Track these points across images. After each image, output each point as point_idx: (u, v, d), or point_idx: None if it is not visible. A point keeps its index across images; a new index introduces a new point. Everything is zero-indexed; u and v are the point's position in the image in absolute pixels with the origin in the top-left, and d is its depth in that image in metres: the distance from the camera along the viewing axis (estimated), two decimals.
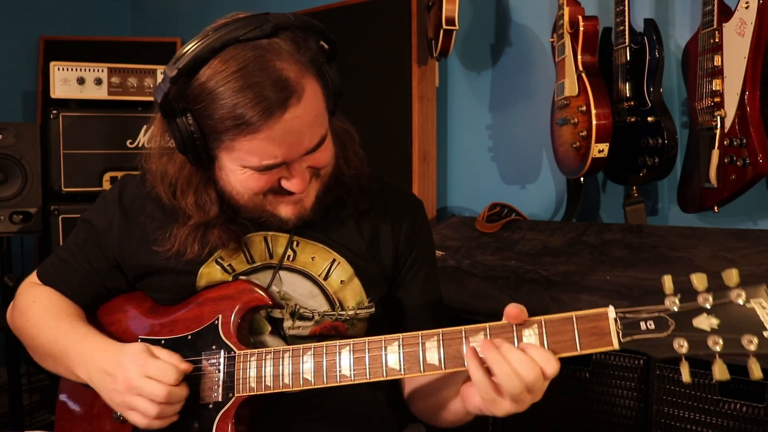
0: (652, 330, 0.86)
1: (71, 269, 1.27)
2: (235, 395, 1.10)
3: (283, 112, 0.98)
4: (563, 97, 1.97)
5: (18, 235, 2.47)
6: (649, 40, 1.82)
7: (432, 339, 0.98)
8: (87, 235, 1.27)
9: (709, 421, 1.38)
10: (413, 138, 2.35)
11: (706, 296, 0.83)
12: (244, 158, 1.03)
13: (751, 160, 1.60)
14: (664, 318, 0.85)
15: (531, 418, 1.69)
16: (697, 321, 0.83)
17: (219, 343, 1.13)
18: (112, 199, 1.26)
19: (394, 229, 1.25)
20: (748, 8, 1.60)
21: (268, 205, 1.12)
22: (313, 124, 1.03)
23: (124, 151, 2.52)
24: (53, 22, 3.25)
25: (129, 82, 2.56)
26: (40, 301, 1.27)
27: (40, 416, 2.70)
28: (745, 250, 1.60)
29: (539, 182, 2.32)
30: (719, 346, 0.82)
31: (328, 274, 1.20)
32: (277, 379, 1.07)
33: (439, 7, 2.10)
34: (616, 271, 1.60)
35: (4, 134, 2.39)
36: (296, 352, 1.06)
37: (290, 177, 1.06)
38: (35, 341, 1.25)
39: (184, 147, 1.05)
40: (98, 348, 1.15)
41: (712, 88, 1.68)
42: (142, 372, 1.06)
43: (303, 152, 1.04)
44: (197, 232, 1.16)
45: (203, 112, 1.00)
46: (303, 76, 1.01)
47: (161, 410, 1.06)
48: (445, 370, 0.97)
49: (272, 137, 0.99)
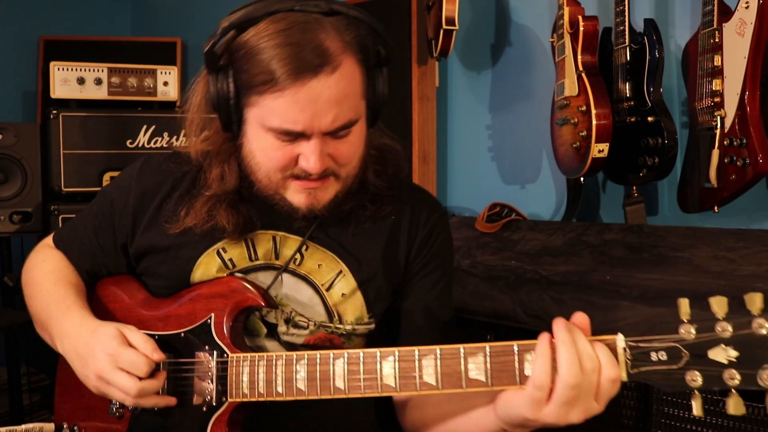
0: (663, 361, 0.79)
1: (80, 239, 1.28)
2: (228, 400, 1.08)
3: (313, 76, 0.98)
4: (563, 97, 1.97)
5: (18, 234, 2.47)
6: (649, 40, 1.82)
7: (428, 357, 0.92)
8: (101, 208, 1.27)
9: (710, 421, 1.38)
10: (413, 138, 2.35)
11: (725, 325, 0.76)
12: (267, 118, 1.02)
13: (751, 160, 1.60)
14: (678, 348, 0.78)
15: None
16: (713, 353, 0.76)
17: (212, 344, 1.11)
18: (132, 173, 1.25)
19: (410, 234, 1.21)
20: (748, 8, 1.60)
21: (283, 187, 1.10)
22: (341, 102, 1.01)
23: (124, 151, 2.53)
24: (53, 22, 3.25)
25: (129, 82, 2.57)
26: (47, 261, 1.29)
27: (40, 416, 2.70)
28: (745, 250, 1.60)
29: (539, 182, 2.32)
30: (736, 382, 0.75)
31: (332, 286, 1.17)
32: (271, 386, 1.04)
33: (439, 7, 2.10)
34: (616, 271, 1.60)
35: (4, 134, 2.39)
36: (289, 359, 1.03)
37: (308, 154, 1.03)
38: (31, 300, 1.27)
39: (218, 103, 1.05)
40: (74, 326, 1.14)
41: (712, 88, 1.68)
42: (113, 363, 1.05)
43: (325, 128, 1.02)
44: (210, 203, 1.15)
45: (241, 66, 1.01)
46: (344, 53, 1.01)
47: (137, 401, 1.07)
48: (441, 390, 0.92)
49: (297, 100, 0.99)
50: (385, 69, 1.10)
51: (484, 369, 0.88)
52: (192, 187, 1.19)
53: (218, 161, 1.16)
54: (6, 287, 2.44)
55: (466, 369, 0.89)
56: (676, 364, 0.78)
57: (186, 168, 1.22)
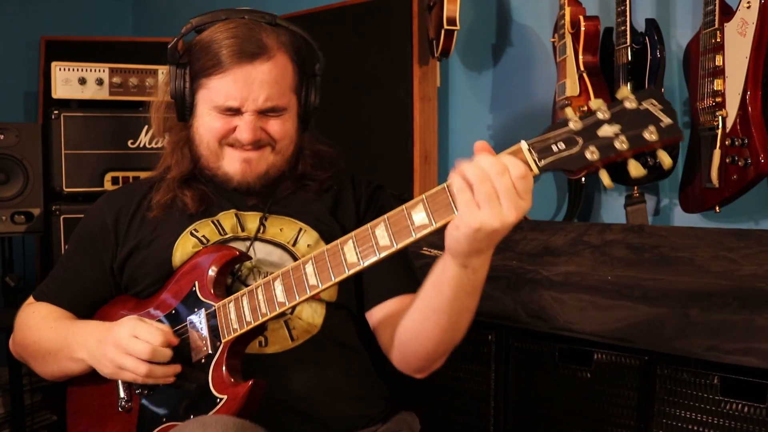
0: (563, 150, 0.92)
1: (64, 283, 1.38)
2: (222, 341, 1.15)
3: (250, 62, 1.23)
4: (564, 97, 1.97)
5: (19, 235, 2.47)
6: (650, 40, 1.82)
7: (380, 226, 1.01)
8: (79, 246, 1.39)
9: (711, 421, 1.38)
10: (414, 138, 2.35)
11: (603, 110, 0.91)
12: (212, 97, 1.25)
13: (752, 160, 1.60)
14: (571, 137, 0.91)
15: (532, 418, 1.69)
16: (601, 131, 0.91)
17: (200, 305, 1.20)
18: (100, 203, 1.41)
19: (355, 197, 1.38)
20: (750, 8, 1.60)
21: (221, 156, 1.30)
22: (272, 87, 1.25)
23: (126, 151, 2.52)
24: (54, 22, 3.24)
25: (130, 82, 2.56)
26: (38, 311, 1.36)
27: (41, 416, 2.70)
28: (746, 250, 1.59)
29: (540, 182, 2.32)
30: (625, 144, 0.89)
31: (296, 241, 1.31)
32: (255, 312, 1.13)
33: (440, 7, 2.10)
34: (617, 271, 1.60)
35: (6, 134, 2.39)
36: (267, 282, 1.13)
37: (242, 126, 1.25)
38: (38, 344, 1.31)
39: (176, 92, 1.30)
40: (92, 328, 1.26)
41: (714, 88, 1.68)
42: (130, 333, 1.15)
43: (256, 107, 1.24)
44: (173, 184, 1.34)
45: (197, 57, 1.27)
46: (279, 49, 1.26)
47: (150, 369, 1.13)
48: (397, 246, 1.00)
49: (236, 80, 1.23)
50: (318, 80, 1.35)
51: (426, 213, 0.97)
52: (161, 181, 1.38)
53: (177, 148, 1.37)
54: (7, 287, 2.44)
55: (412, 220, 0.98)
56: (574, 148, 0.91)
57: (154, 177, 1.41)
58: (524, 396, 1.71)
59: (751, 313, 1.30)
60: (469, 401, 1.79)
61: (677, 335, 1.39)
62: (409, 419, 1.38)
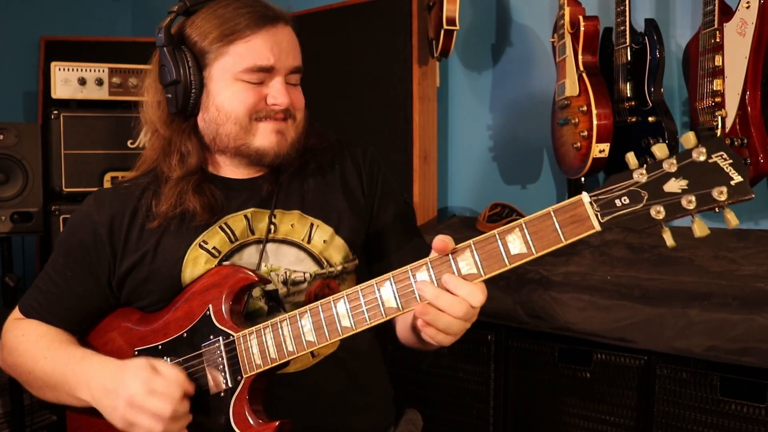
0: (627, 205, 0.87)
1: (55, 298, 1.24)
2: (244, 377, 1.09)
3: (275, 24, 1.19)
4: (564, 97, 1.97)
5: (19, 235, 2.46)
6: (649, 40, 1.82)
7: (422, 269, 0.98)
8: (68, 258, 1.24)
9: (711, 421, 1.38)
10: (414, 138, 2.35)
11: (670, 161, 0.85)
12: (237, 63, 1.17)
13: (752, 160, 1.60)
14: (636, 191, 0.86)
15: (532, 418, 1.69)
16: (667, 186, 0.85)
17: (216, 332, 1.13)
18: (88, 211, 1.25)
19: (357, 173, 1.33)
20: (749, 8, 1.60)
21: (252, 132, 1.20)
22: (295, 49, 1.23)
23: (125, 151, 2.52)
24: (54, 22, 3.24)
25: (130, 83, 2.56)
26: (28, 334, 1.24)
27: (41, 416, 2.69)
28: (746, 250, 1.60)
29: (540, 182, 2.32)
30: (693, 204, 0.84)
31: (311, 238, 1.24)
32: (281, 348, 1.06)
33: (439, 7, 2.10)
34: (617, 271, 1.60)
35: (5, 134, 2.39)
36: (293, 318, 1.06)
37: (276, 91, 1.19)
38: (32, 375, 1.22)
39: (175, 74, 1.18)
40: (99, 367, 1.15)
41: (713, 88, 1.68)
42: (147, 388, 1.06)
43: (289, 67, 1.20)
44: (178, 186, 1.21)
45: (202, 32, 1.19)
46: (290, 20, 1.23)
47: (166, 427, 1.06)
48: None
49: (266, 41, 1.17)
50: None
51: (474, 262, 0.96)
52: (158, 188, 1.24)
53: (175, 147, 1.24)
54: (6, 287, 2.44)
55: (458, 268, 0.96)
56: (638, 204, 0.86)
57: (143, 180, 1.27)
58: (524, 396, 1.71)
59: (751, 313, 1.30)
60: (468, 401, 1.79)
61: (677, 335, 1.39)
62: (413, 418, 1.39)
